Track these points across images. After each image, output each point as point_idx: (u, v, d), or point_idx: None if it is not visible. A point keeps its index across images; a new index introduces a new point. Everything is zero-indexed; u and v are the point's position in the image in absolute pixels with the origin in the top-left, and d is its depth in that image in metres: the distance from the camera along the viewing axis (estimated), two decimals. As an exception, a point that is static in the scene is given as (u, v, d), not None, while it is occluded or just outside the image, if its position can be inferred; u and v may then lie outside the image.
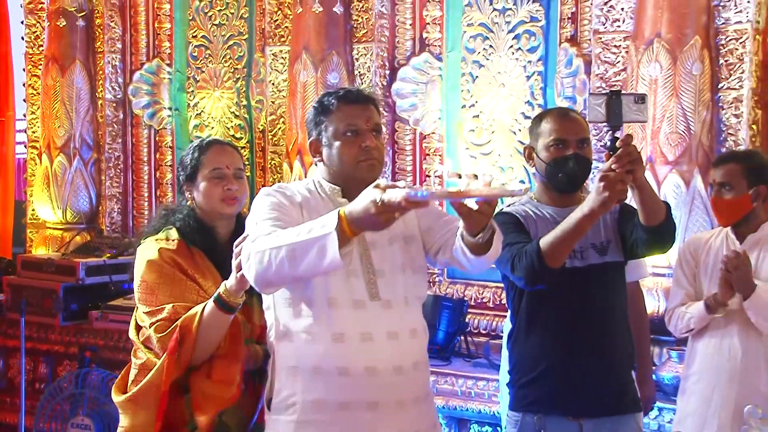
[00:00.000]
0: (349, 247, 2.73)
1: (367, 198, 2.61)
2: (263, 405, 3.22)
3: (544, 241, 3.32)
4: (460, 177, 2.60)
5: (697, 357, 4.29)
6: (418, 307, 3.17)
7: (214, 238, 3.38)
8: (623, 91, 3.44)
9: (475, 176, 2.58)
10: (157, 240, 3.34)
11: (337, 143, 3.09)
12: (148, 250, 3.31)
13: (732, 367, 4.16)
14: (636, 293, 4.41)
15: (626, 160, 3.16)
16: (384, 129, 3.75)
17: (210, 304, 3.13)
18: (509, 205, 3.85)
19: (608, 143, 3.33)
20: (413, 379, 3.09)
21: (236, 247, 3.07)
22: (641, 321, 4.43)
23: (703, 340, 4.25)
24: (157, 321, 3.17)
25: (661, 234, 3.47)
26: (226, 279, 3.13)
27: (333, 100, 3.14)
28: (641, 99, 3.41)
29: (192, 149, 3.47)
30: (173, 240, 3.33)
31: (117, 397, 3.31)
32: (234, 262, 3.09)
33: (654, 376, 4.66)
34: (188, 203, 3.43)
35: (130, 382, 3.28)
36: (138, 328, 3.28)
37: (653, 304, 4.70)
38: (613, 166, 3.16)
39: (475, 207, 2.72)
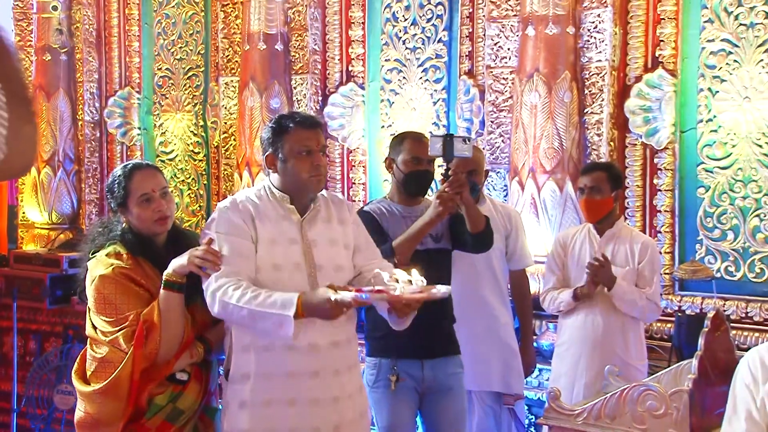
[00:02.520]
0: (301, 326, 2.83)
1: (323, 296, 2.78)
2: (210, 389, 3.23)
3: (396, 243, 3.60)
4: (397, 281, 2.78)
5: (567, 329, 4.38)
6: None
7: (154, 247, 3.19)
8: (454, 134, 3.62)
9: (410, 282, 2.78)
10: (107, 255, 3.12)
11: (292, 160, 3.08)
12: (99, 266, 3.10)
13: (595, 336, 4.26)
14: (522, 278, 4.52)
15: (456, 184, 3.54)
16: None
17: (162, 292, 3.02)
18: (368, 204, 4.08)
19: (444, 171, 3.59)
20: (346, 351, 3.11)
21: (193, 253, 2.99)
22: (525, 301, 4.53)
23: (572, 316, 4.34)
24: (124, 329, 3.01)
25: (482, 239, 3.85)
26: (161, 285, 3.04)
27: (290, 124, 3.11)
28: (468, 140, 3.66)
29: (117, 178, 3.22)
30: (123, 254, 3.13)
31: (83, 387, 3.12)
32: (188, 254, 2.99)
33: (535, 344, 4.73)
34: (123, 223, 3.22)
35: (89, 373, 3.10)
36: (94, 328, 3.09)
37: (535, 286, 4.72)
38: (446, 189, 3.54)
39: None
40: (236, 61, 6.39)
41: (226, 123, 6.47)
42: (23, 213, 7.56)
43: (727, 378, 3.28)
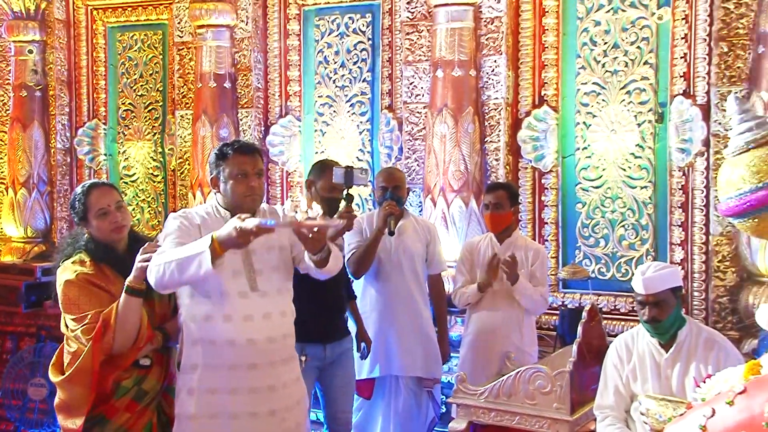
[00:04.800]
0: (221, 260, 2.72)
1: (230, 225, 2.68)
2: (171, 371, 3.19)
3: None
4: (296, 211, 2.71)
5: (472, 322, 4.39)
6: (287, 296, 3.12)
7: (114, 253, 3.15)
8: (354, 167, 3.71)
9: (317, 214, 2.71)
10: (73, 263, 3.09)
11: (231, 182, 3.05)
12: (66, 272, 3.07)
13: (495, 328, 4.28)
14: (439, 281, 4.52)
15: (350, 207, 3.59)
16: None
17: (123, 296, 2.97)
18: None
19: (345, 195, 3.67)
20: (282, 346, 3.07)
21: (141, 252, 2.99)
22: (441, 300, 4.52)
23: (477, 311, 4.36)
24: (84, 326, 2.98)
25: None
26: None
27: (229, 150, 3.08)
28: (365, 171, 3.72)
29: (77, 196, 3.18)
30: (87, 261, 3.09)
31: (55, 378, 3.11)
32: (138, 258, 2.98)
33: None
34: (86, 234, 3.18)
35: (65, 364, 3.08)
36: (67, 327, 3.08)
37: (449, 287, 4.73)
38: (346, 212, 3.57)
39: (308, 234, 2.78)
40: (190, 97, 6.32)
41: (181, 150, 6.39)
42: (1, 228, 7.30)
43: (600, 360, 3.39)
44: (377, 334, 4.30)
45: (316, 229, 2.73)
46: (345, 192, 3.70)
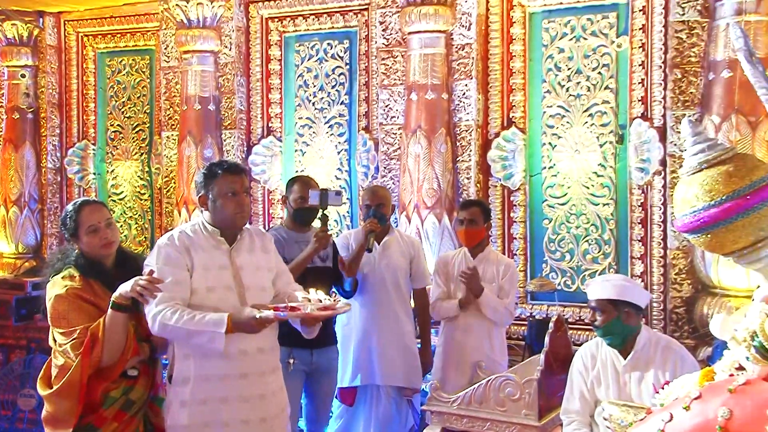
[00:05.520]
0: (228, 340, 2.84)
1: (249, 315, 2.82)
2: (156, 382, 3.16)
3: (289, 266, 3.60)
4: (309, 301, 2.90)
5: (446, 333, 4.35)
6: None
7: (103, 269, 3.10)
8: (329, 189, 3.79)
9: (319, 300, 2.90)
10: (63, 278, 3.03)
11: (220, 200, 3.04)
12: (56, 287, 3.02)
13: (467, 338, 4.26)
14: (423, 295, 4.48)
15: (325, 228, 3.70)
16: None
17: (109, 311, 2.92)
18: (268, 231, 4.16)
19: (320, 216, 3.82)
20: (271, 355, 3.08)
21: (136, 280, 2.90)
22: (425, 313, 4.47)
23: (451, 323, 4.33)
24: (72, 340, 2.93)
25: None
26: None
27: (218, 170, 3.07)
28: (339, 193, 3.89)
29: (69, 213, 3.14)
30: (76, 276, 3.03)
31: (43, 391, 3.03)
32: (134, 282, 2.88)
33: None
34: (76, 250, 3.13)
35: (53, 378, 3.01)
36: (55, 341, 3.01)
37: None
38: (321, 232, 3.76)
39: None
40: (176, 119, 6.30)
41: (167, 169, 6.36)
42: (-7, 245, 7.26)
43: (566, 368, 3.40)
44: (360, 345, 4.30)
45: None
46: (321, 213, 3.72)
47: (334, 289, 4.17)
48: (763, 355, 1.71)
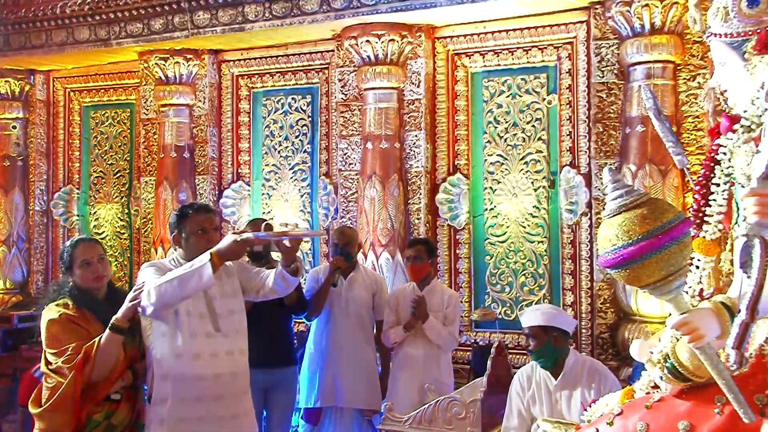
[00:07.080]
0: (217, 273, 2.76)
1: (229, 239, 2.76)
2: (138, 408, 3.09)
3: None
4: (284, 225, 2.87)
5: (398, 357, 4.32)
6: (245, 336, 3.08)
7: (95, 300, 3.08)
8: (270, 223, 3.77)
9: (297, 225, 2.93)
10: (57, 305, 3.02)
11: (192, 237, 3.03)
12: (50, 312, 3.00)
13: (417, 362, 4.23)
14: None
15: (297, 242, 3.55)
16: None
17: (106, 331, 2.90)
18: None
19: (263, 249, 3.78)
20: (243, 378, 3.04)
21: (133, 291, 2.93)
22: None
23: (403, 348, 4.30)
24: (66, 357, 2.90)
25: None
26: (107, 327, 2.92)
27: (189, 210, 3.08)
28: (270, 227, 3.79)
29: (66, 248, 3.15)
30: (70, 305, 3.02)
31: (35, 410, 2.96)
32: (129, 296, 2.92)
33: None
34: (70, 282, 3.10)
35: (44, 399, 2.94)
36: (47, 363, 2.98)
37: None
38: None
39: (288, 245, 2.88)
40: (153, 165, 6.23)
41: (145, 211, 6.27)
42: (-18, 281, 7.04)
43: (506, 389, 3.40)
44: (324, 370, 4.27)
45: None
46: (262, 247, 3.73)
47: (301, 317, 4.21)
48: (674, 375, 1.73)
